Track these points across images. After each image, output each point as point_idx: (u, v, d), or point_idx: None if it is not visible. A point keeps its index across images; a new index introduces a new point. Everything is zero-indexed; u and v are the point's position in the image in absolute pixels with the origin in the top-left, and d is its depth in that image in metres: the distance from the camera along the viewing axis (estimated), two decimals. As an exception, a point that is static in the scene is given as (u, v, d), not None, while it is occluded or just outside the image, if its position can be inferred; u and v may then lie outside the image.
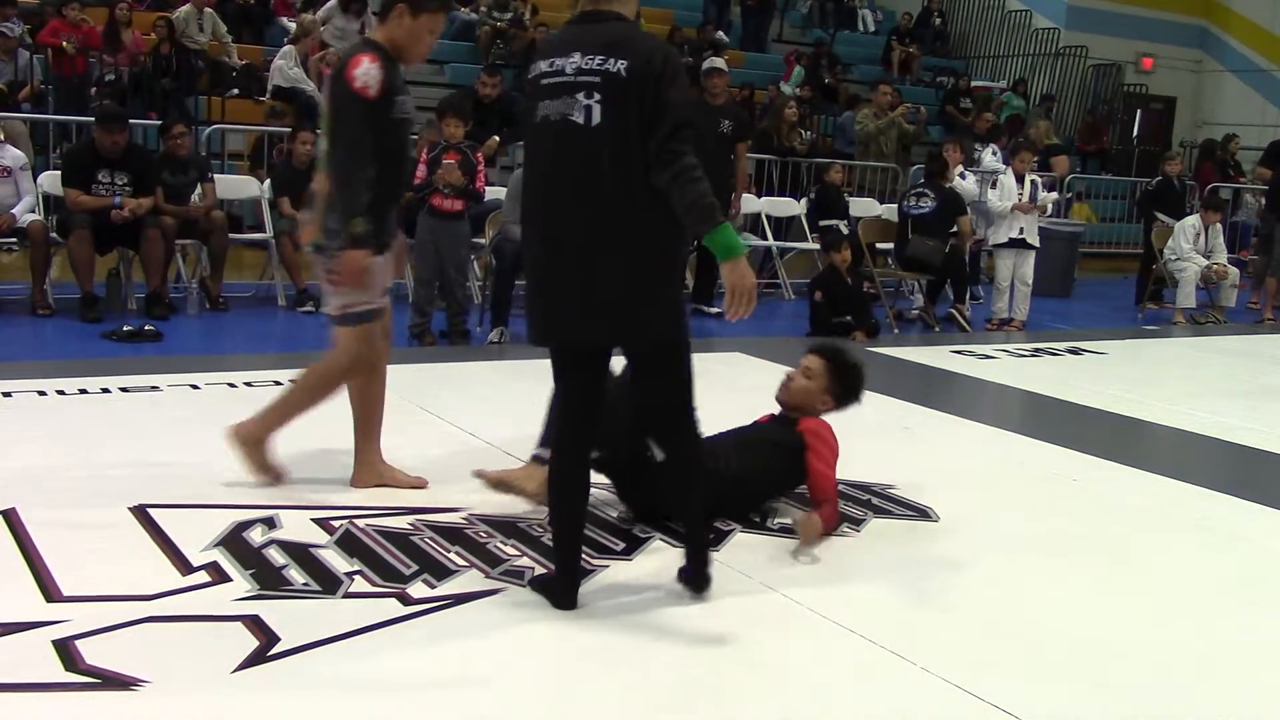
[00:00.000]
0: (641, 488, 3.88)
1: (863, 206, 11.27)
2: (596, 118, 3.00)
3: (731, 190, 8.59)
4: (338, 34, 12.98)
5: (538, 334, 3.25)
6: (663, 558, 3.66)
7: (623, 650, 3.05)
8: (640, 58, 2.99)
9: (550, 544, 3.57)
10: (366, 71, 3.69)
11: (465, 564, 3.49)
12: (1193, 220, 10.69)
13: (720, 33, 16.09)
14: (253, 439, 4.05)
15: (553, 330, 3.21)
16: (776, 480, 4.06)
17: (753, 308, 3.05)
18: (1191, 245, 10.47)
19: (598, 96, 3.00)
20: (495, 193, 8.44)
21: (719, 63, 9.10)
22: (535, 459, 3.95)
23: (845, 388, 4.12)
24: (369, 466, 4.17)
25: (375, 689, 2.75)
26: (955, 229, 9.28)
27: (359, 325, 3.96)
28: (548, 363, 3.29)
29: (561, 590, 3.27)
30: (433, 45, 4.00)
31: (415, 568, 3.44)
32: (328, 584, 3.31)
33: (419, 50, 3.90)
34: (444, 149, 7.13)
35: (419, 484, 4.15)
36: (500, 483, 3.93)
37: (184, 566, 3.36)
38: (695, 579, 3.34)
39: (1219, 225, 10.84)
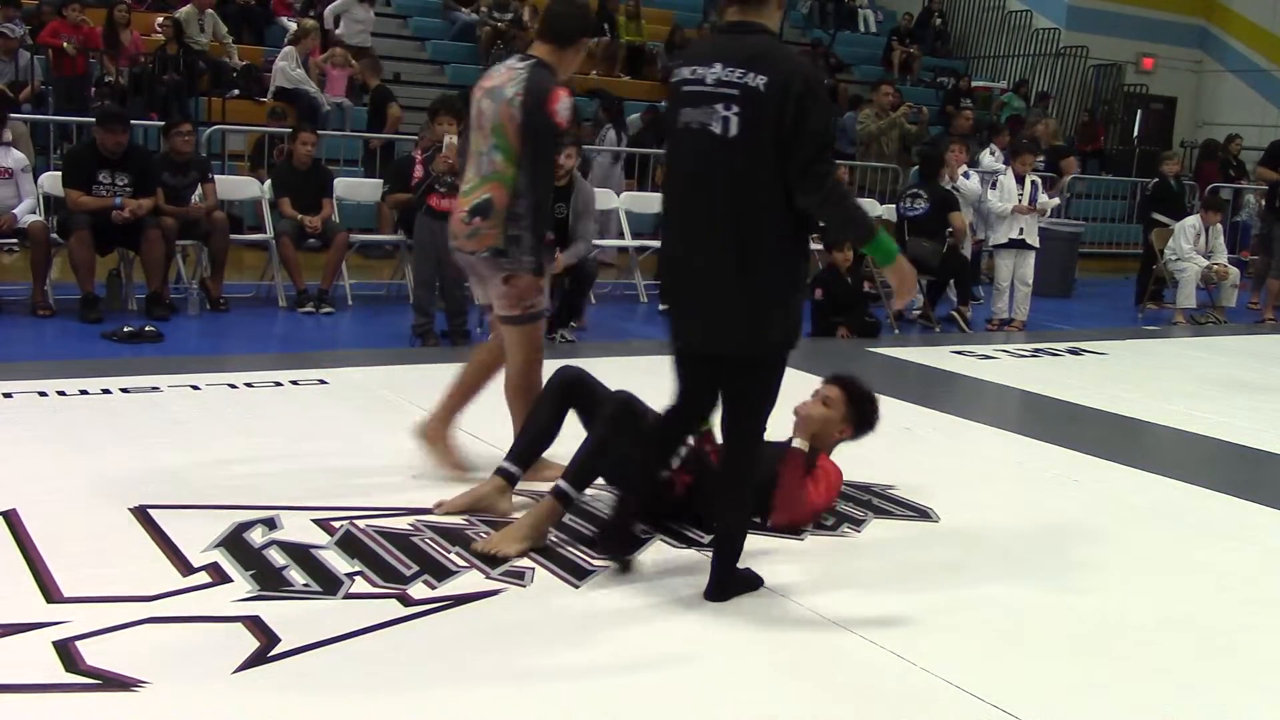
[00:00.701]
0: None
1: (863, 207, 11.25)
2: (734, 129, 3.07)
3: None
4: (359, 26, 12.94)
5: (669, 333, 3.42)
6: (663, 558, 3.66)
7: (622, 650, 3.05)
8: (781, 75, 3.05)
9: (550, 547, 3.60)
10: (567, 106, 3.92)
11: (466, 565, 3.49)
12: (1193, 220, 10.69)
13: (720, 33, 16.06)
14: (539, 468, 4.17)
15: (671, 331, 3.35)
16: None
17: (914, 294, 3.25)
18: (1192, 245, 10.47)
19: (735, 109, 3.07)
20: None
21: (719, 63, 9.03)
22: (500, 472, 3.97)
23: (862, 416, 4.15)
24: (438, 429, 4.34)
25: (375, 689, 2.75)
26: (950, 229, 9.28)
27: (535, 324, 4.16)
28: (547, 364, 3.29)
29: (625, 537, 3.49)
30: None
31: (416, 568, 3.44)
32: (328, 585, 3.31)
33: (570, 73, 4.13)
34: (438, 150, 7.15)
35: (460, 467, 4.27)
36: (469, 509, 3.92)
37: (184, 567, 3.36)
38: (710, 588, 3.37)
39: (1219, 225, 10.84)
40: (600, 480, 3.91)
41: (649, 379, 3.83)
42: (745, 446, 3.32)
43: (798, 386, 3.38)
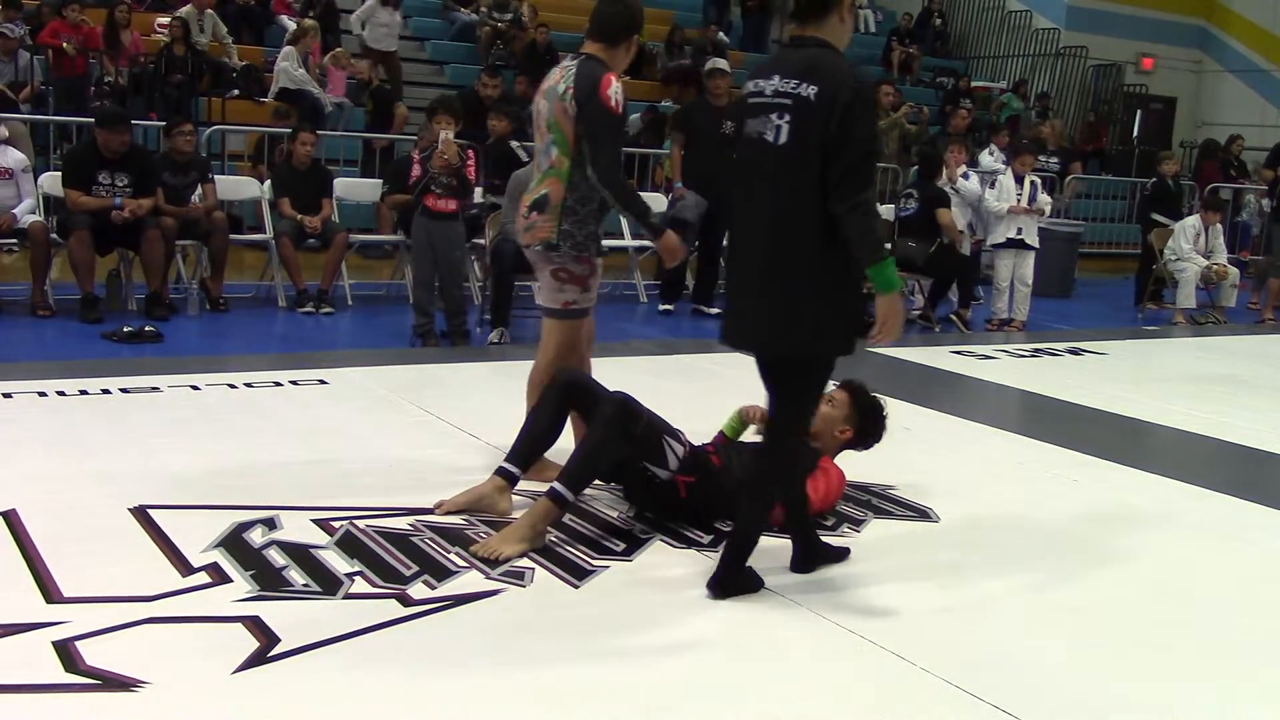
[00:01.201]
0: (642, 496, 3.95)
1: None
2: (783, 137, 3.17)
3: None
4: (384, 30, 12.91)
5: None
6: (662, 558, 3.67)
7: (622, 650, 3.06)
8: (831, 85, 3.11)
9: (549, 547, 3.60)
10: (618, 91, 4.02)
11: (465, 565, 3.49)
12: (1193, 220, 10.69)
13: (721, 33, 16.09)
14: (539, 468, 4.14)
15: (723, 329, 3.44)
16: None
17: (897, 337, 3.30)
18: (1191, 245, 10.47)
19: (787, 118, 3.16)
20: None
21: (721, 64, 9.07)
22: (500, 472, 3.95)
23: (865, 422, 4.16)
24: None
25: (375, 690, 2.75)
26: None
27: (573, 321, 4.20)
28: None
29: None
30: None
31: (415, 569, 3.44)
32: (328, 585, 3.31)
33: (622, 69, 4.21)
34: (435, 149, 7.14)
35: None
36: (469, 508, 3.91)
37: (184, 567, 3.36)
38: (714, 579, 3.38)
39: (1219, 225, 10.84)
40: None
41: (649, 379, 3.85)
42: (778, 446, 3.38)
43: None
